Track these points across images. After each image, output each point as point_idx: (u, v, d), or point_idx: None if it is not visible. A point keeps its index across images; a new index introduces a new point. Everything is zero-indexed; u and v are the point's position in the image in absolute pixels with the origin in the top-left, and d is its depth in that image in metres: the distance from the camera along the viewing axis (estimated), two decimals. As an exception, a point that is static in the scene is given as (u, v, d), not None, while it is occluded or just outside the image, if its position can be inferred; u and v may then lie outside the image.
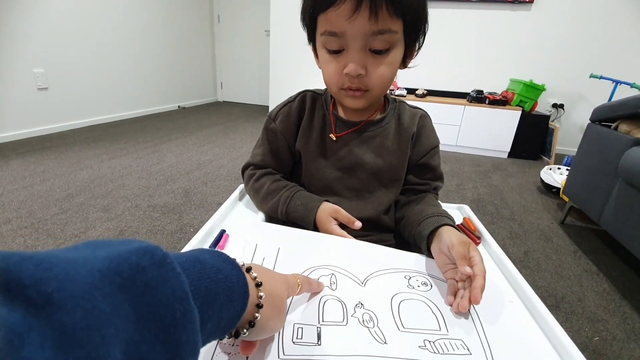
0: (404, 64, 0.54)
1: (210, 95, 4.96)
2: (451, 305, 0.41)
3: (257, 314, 0.29)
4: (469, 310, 0.40)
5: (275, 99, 3.86)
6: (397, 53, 0.50)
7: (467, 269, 0.40)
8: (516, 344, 0.36)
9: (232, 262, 0.29)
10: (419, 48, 0.54)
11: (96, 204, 1.58)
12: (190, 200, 1.69)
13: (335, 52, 0.50)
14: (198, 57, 4.51)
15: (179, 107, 4.20)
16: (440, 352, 0.34)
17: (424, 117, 0.64)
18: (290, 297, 0.38)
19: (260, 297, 0.30)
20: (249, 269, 0.31)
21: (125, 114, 3.43)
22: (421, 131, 0.62)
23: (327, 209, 0.55)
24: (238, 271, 0.28)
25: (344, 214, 0.54)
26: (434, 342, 0.35)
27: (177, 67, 4.10)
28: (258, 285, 0.30)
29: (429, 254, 0.51)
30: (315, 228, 0.56)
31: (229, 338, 0.29)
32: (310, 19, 0.50)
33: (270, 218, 0.63)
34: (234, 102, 5.05)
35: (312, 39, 0.55)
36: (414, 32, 0.50)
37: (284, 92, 3.74)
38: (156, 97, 3.84)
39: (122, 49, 3.26)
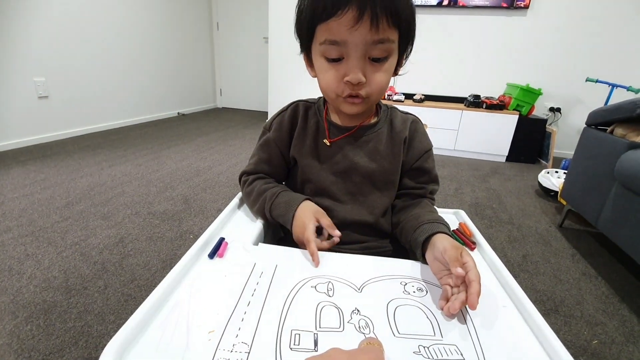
0: (395, 71, 0.57)
1: (210, 102, 4.98)
2: (442, 309, 0.42)
3: None
4: (462, 315, 0.41)
5: (274, 105, 3.88)
6: (393, 61, 0.53)
7: (459, 270, 0.41)
8: (509, 349, 0.37)
9: None
10: (407, 57, 0.57)
11: (96, 212, 1.58)
12: (189, 207, 1.69)
13: (335, 61, 0.51)
14: (198, 64, 4.54)
15: (178, 113, 4.23)
16: (434, 357, 0.35)
17: (416, 122, 0.66)
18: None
19: None
20: None
21: (125, 121, 3.45)
22: (413, 135, 0.64)
23: (311, 207, 0.57)
24: None
25: (327, 219, 0.56)
26: (428, 348, 0.36)
27: (176, 74, 4.13)
28: None
29: (424, 261, 0.51)
30: (291, 226, 0.57)
31: None
32: (308, 29, 0.52)
33: (268, 224, 0.64)
34: (234, 108, 5.08)
35: (306, 48, 0.56)
36: (407, 41, 0.53)
37: (283, 98, 3.77)
38: (156, 104, 3.87)
39: (122, 57, 3.29)
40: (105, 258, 1.24)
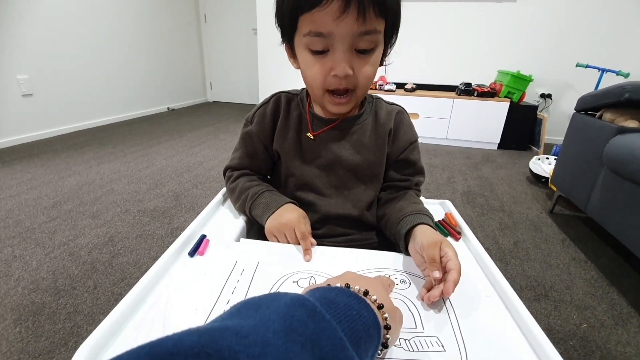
0: (380, 62, 0.55)
1: (200, 96, 4.92)
2: (423, 298, 0.42)
3: (387, 336, 0.30)
4: (445, 307, 0.41)
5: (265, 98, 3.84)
6: (379, 52, 0.51)
7: (436, 274, 0.41)
8: (491, 340, 0.37)
9: (356, 295, 0.29)
10: (392, 46, 0.55)
11: (85, 211, 1.56)
12: (180, 204, 1.68)
13: (320, 53, 0.49)
14: (186, 58, 4.46)
15: (168, 109, 4.17)
16: (415, 349, 0.35)
17: (401, 113, 0.64)
18: None
19: (386, 318, 0.30)
20: (366, 292, 0.31)
21: (113, 117, 3.39)
22: (398, 127, 0.63)
23: (299, 212, 0.56)
24: (365, 304, 0.28)
25: (307, 227, 0.55)
26: (409, 340, 0.36)
27: (165, 68, 4.05)
28: (380, 307, 0.30)
29: (408, 253, 0.51)
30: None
31: None
32: (290, 19, 0.49)
33: (251, 221, 0.63)
34: (224, 102, 5.02)
35: (288, 39, 0.53)
36: (393, 31, 0.51)
37: (274, 90, 3.70)
38: (145, 99, 3.80)
39: (108, 52, 3.22)
40: (94, 257, 1.23)
